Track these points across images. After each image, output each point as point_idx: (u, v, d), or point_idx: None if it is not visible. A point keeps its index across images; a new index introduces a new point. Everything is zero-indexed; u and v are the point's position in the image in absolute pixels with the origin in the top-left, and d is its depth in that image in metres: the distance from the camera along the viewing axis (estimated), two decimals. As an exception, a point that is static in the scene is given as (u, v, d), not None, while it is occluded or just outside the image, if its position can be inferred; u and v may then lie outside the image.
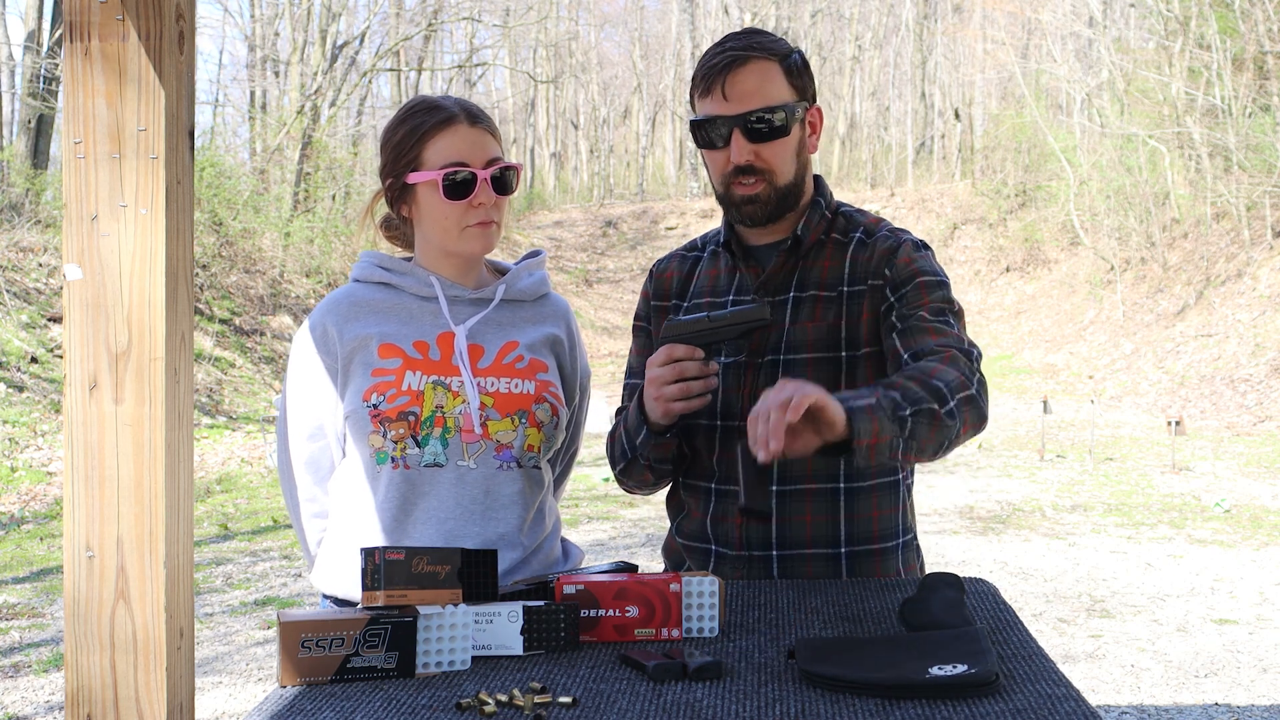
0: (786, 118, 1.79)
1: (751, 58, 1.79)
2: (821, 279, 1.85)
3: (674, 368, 1.70)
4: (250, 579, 6.69)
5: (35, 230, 14.50)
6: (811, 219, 1.87)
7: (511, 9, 31.87)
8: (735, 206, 1.83)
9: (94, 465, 1.56)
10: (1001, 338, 25.51)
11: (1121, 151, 24.25)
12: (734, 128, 1.77)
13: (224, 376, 14.46)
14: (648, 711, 1.22)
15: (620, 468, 1.90)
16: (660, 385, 1.71)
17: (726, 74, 1.78)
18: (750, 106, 1.77)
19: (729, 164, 1.80)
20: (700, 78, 1.82)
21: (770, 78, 1.79)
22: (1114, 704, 4.58)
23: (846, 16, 42.06)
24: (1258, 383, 15.50)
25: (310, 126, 22.35)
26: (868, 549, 1.84)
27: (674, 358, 1.70)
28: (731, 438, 1.83)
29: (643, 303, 2.02)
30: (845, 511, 1.83)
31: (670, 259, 2.03)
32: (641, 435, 1.81)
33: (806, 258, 1.87)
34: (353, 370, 1.86)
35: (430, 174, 1.83)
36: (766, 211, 1.82)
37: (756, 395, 1.81)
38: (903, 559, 1.89)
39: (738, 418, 1.82)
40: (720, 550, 1.87)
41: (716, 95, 1.79)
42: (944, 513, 8.96)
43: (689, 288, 1.96)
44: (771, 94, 1.78)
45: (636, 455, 1.84)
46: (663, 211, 34.80)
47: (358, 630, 1.34)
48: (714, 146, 1.81)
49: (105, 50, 1.56)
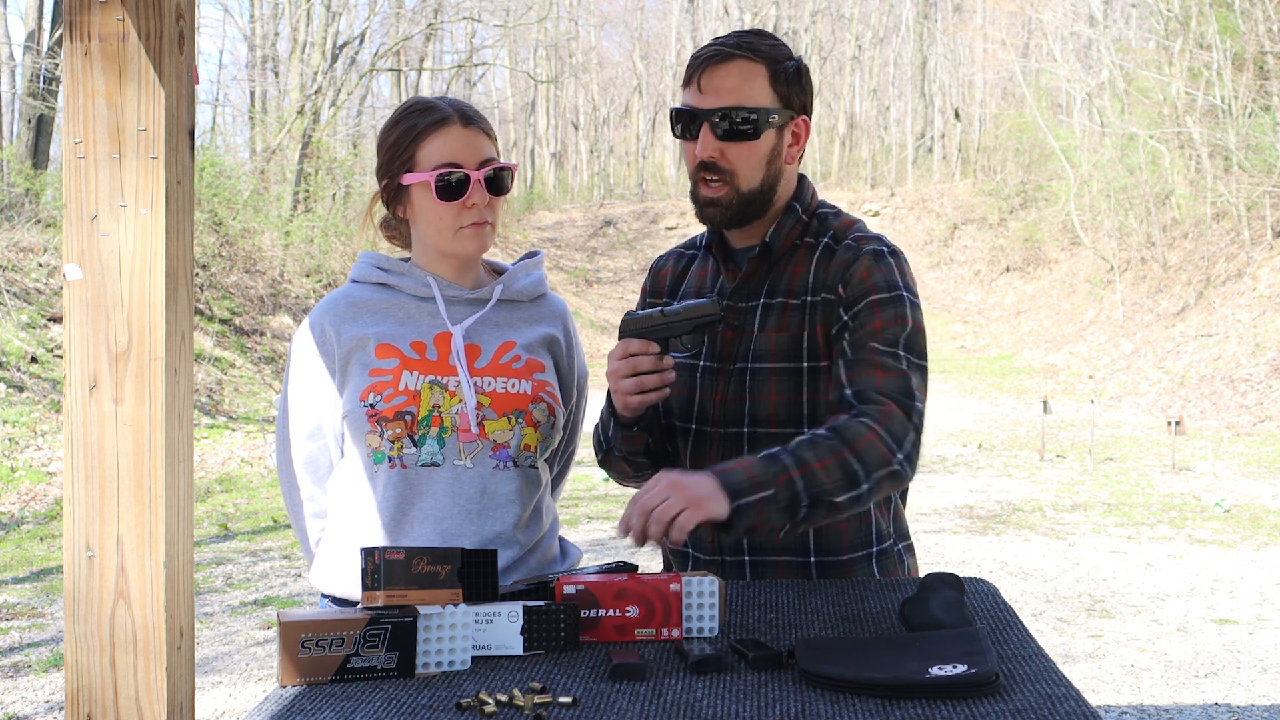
0: (759, 121, 1.75)
1: (737, 56, 1.77)
2: (790, 286, 1.82)
3: (628, 362, 1.73)
4: (250, 579, 6.69)
5: (35, 230, 14.49)
6: (784, 225, 1.84)
7: (511, 9, 31.87)
8: (699, 206, 1.84)
9: (94, 465, 1.56)
10: (1001, 338, 25.52)
11: (1122, 151, 24.25)
12: (703, 122, 1.77)
13: (224, 376, 14.46)
14: (648, 711, 1.22)
15: (600, 458, 1.95)
16: (617, 379, 1.74)
17: (706, 67, 1.77)
18: (722, 103, 1.75)
19: (695, 158, 1.81)
20: (686, 68, 1.83)
21: (751, 79, 1.76)
22: (1114, 704, 4.58)
23: (846, 16, 42.05)
24: (1258, 383, 15.49)
25: (310, 126, 22.35)
26: (836, 560, 1.83)
27: (629, 353, 1.73)
28: (703, 442, 1.86)
29: (641, 299, 2.04)
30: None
31: (669, 256, 2.04)
32: (611, 427, 1.86)
33: (779, 263, 1.85)
34: (350, 370, 1.87)
35: (423, 175, 1.84)
36: (727, 216, 1.81)
37: (728, 401, 1.82)
38: (879, 567, 1.85)
39: (710, 423, 1.85)
40: (695, 554, 1.89)
41: (694, 87, 1.79)
42: (944, 513, 8.96)
43: (680, 286, 1.97)
44: (748, 95, 1.75)
45: (612, 447, 1.89)
46: (662, 211, 34.78)
47: (358, 630, 1.34)
48: (686, 138, 1.82)
49: (105, 50, 1.56)
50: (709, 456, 1.83)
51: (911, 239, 31.14)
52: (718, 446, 1.83)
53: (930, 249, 31.10)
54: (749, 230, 1.86)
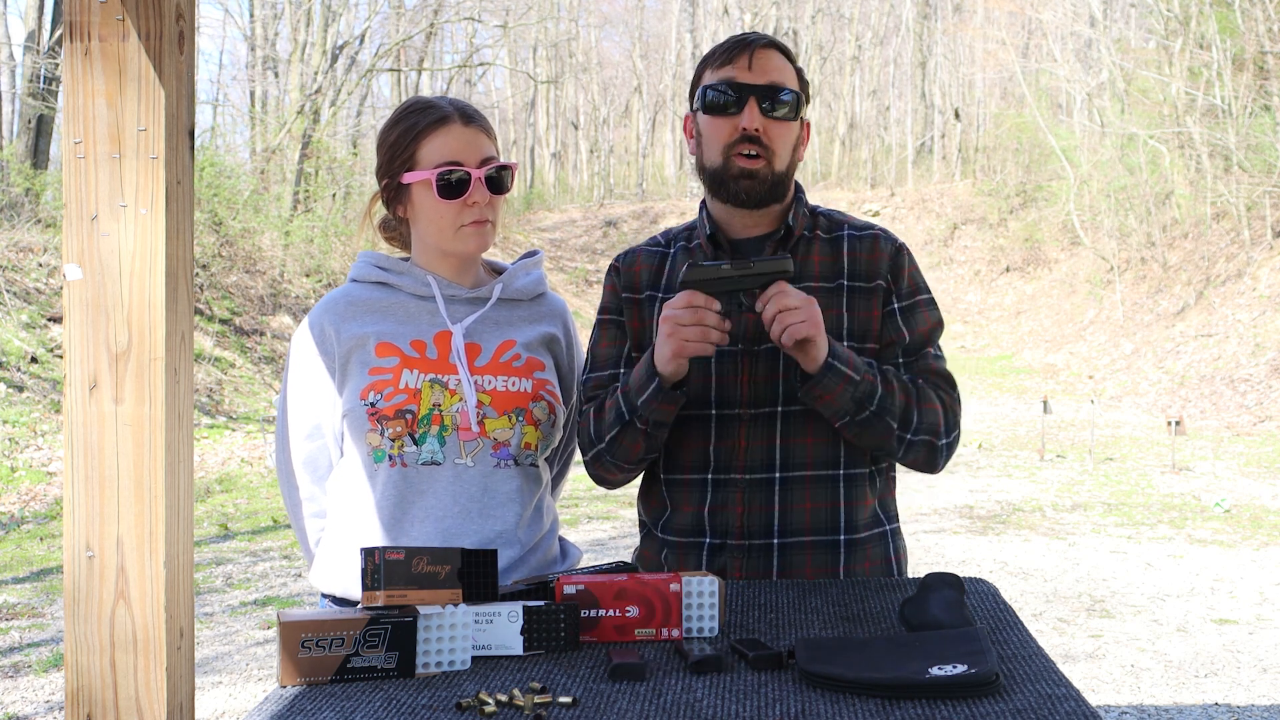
0: (798, 104, 1.86)
1: (775, 47, 1.87)
2: (815, 272, 1.88)
3: (693, 312, 1.67)
4: (250, 579, 6.69)
5: (35, 230, 14.49)
6: (799, 212, 1.91)
7: (511, 9, 31.88)
8: (732, 179, 1.83)
9: (94, 465, 1.56)
10: (1001, 338, 25.52)
11: (1122, 151, 24.26)
12: (751, 95, 1.82)
13: (224, 376, 14.45)
14: (648, 711, 1.22)
15: (610, 437, 1.82)
16: (678, 327, 1.68)
17: (755, 49, 1.85)
18: (771, 80, 1.83)
19: (735, 131, 1.82)
20: (721, 51, 1.87)
21: (787, 69, 1.87)
22: (1114, 704, 4.58)
23: (846, 16, 42.06)
24: (1258, 383, 15.49)
25: (310, 126, 22.35)
26: (856, 537, 1.86)
27: (693, 304, 1.68)
28: (731, 425, 1.83)
29: (610, 296, 1.97)
30: (845, 499, 1.85)
31: (635, 253, 2.00)
32: (649, 390, 1.73)
33: (795, 251, 1.89)
34: (350, 369, 1.87)
35: (424, 173, 1.83)
36: (761, 191, 1.83)
37: (757, 382, 1.82)
38: (894, 546, 1.93)
39: (737, 405, 1.83)
40: (716, 541, 1.85)
41: (740, 64, 1.83)
42: (944, 513, 8.96)
43: (661, 280, 1.94)
44: (789, 80, 1.86)
45: (634, 418, 1.77)
46: (663, 211, 34.78)
47: (358, 630, 1.34)
48: (724, 112, 1.83)
49: (105, 50, 1.56)
50: (739, 438, 1.82)
51: (911, 239, 31.13)
52: (748, 428, 1.82)
53: (930, 249, 31.11)
54: (759, 217, 1.88)
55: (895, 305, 1.89)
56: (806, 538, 1.83)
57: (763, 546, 1.83)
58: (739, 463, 1.83)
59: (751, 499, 1.82)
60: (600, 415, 1.85)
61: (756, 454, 1.83)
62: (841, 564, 1.85)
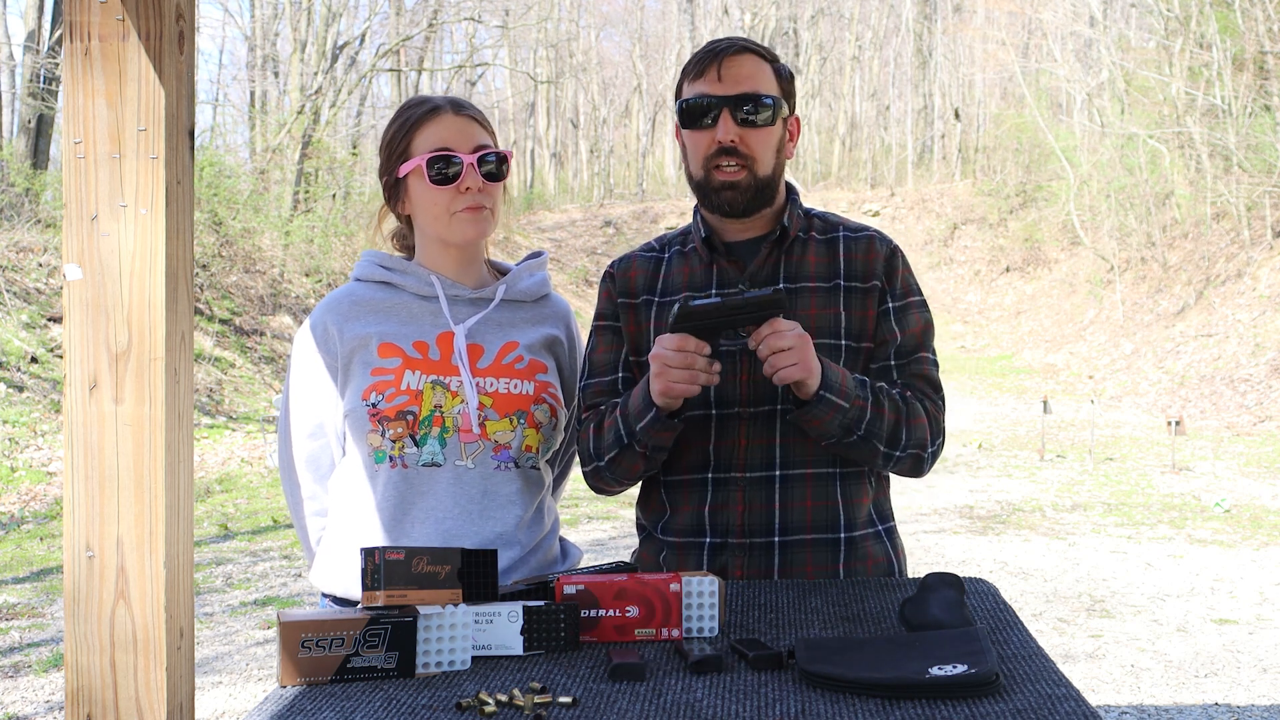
0: (774, 109, 1.84)
1: (748, 50, 1.86)
2: (811, 273, 1.89)
3: (683, 356, 1.67)
4: (250, 579, 6.69)
5: (35, 230, 14.49)
6: (793, 214, 1.92)
7: (511, 9, 31.86)
8: (714, 191, 1.84)
9: (94, 465, 1.56)
10: (1001, 338, 25.52)
11: (1122, 151, 24.25)
12: (724, 107, 1.81)
13: (224, 376, 14.45)
14: (648, 711, 1.22)
15: (609, 458, 1.83)
16: (668, 368, 1.68)
17: (724, 58, 1.83)
18: (743, 89, 1.82)
19: (713, 144, 1.82)
20: (694, 63, 1.86)
21: (762, 72, 1.85)
22: (1114, 704, 4.58)
23: (846, 16, 42.05)
24: (1258, 383, 15.49)
25: (310, 126, 22.34)
26: (857, 534, 1.88)
27: (684, 348, 1.68)
28: (731, 424, 1.84)
29: (606, 303, 1.97)
30: (844, 497, 1.86)
31: (629, 259, 2.00)
32: (647, 418, 1.75)
33: (790, 252, 1.90)
34: (352, 369, 1.87)
35: (417, 160, 1.85)
36: (744, 200, 1.84)
37: (756, 382, 1.83)
38: (891, 544, 1.94)
39: (737, 404, 1.84)
40: (716, 541, 1.85)
41: (710, 76, 1.83)
42: (944, 512, 8.96)
43: (657, 285, 1.94)
44: (763, 84, 1.84)
45: (633, 442, 1.78)
46: (663, 211, 34.78)
47: (358, 630, 1.34)
48: (700, 126, 1.83)
49: (105, 50, 1.56)
50: (739, 437, 1.83)
51: (911, 239, 31.14)
52: (748, 427, 1.83)
53: (930, 249, 31.11)
54: (751, 221, 1.89)
55: (889, 305, 1.90)
56: (807, 535, 1.84)
57: (764, 545, 1.83)
58: (739, 461, 1.83)
59: (752, 497, 1.83)
60: (600, 433, 1.84)
61: (756, 453, 1.83)
62: (841, 561, 1.85)
